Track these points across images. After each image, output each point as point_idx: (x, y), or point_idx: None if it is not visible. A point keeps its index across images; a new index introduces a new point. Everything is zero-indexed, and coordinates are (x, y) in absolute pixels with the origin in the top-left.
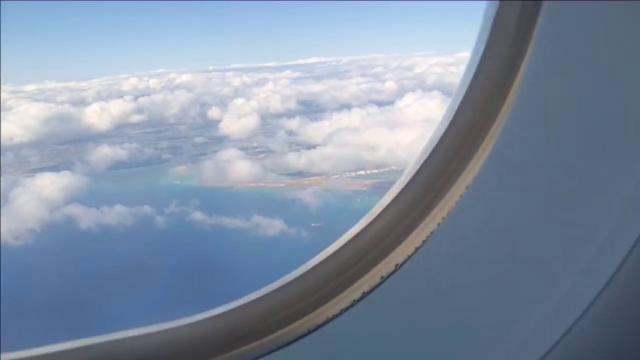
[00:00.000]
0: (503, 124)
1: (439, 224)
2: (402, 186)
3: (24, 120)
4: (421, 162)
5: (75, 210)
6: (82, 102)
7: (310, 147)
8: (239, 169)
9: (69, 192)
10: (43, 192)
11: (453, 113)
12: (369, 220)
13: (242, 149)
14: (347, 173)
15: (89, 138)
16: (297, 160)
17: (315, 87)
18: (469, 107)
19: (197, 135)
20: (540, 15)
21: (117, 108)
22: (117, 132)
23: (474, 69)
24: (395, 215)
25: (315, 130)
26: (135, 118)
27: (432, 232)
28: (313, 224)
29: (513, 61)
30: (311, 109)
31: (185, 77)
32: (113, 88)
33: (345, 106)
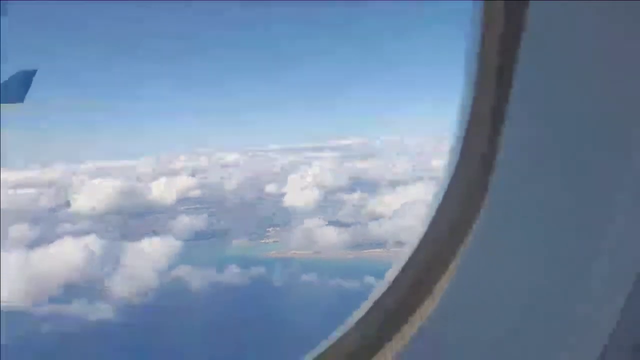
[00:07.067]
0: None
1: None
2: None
3: (99, 193)
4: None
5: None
6: (140, 179)
7: (388, 217)
8: (327, 237)
9: (172, 255)
10: (152, 255)
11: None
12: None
13: (322, 219)
14: None
15: (159, 210)
16: (378, 229)
17: (362, 165)
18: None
19: (262, 208)
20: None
21: (180, 183)
22: (181, 206)
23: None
24: (391, 300)
25: (381, 203)
26: (195, 193)
27: (428, 315)
28: None
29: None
30: (363, 185)
31: (233, 156)
32: (166, 166)
33: (400, 182)
